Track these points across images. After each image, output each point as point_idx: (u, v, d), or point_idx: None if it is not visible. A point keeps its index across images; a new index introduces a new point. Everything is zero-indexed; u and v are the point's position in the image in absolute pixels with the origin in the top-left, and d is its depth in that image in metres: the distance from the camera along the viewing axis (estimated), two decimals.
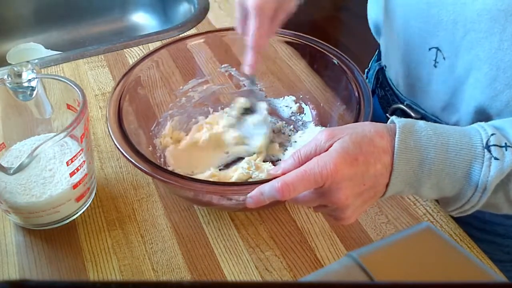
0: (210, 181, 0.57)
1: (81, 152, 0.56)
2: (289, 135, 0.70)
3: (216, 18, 0.95)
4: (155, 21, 1.16)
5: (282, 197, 0.44)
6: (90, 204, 0.61)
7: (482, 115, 0.58)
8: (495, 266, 0.55)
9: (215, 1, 1.00)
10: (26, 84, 0.56)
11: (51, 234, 0.58)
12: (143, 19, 1.16)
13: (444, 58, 0.58)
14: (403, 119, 0.47)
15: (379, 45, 0.76)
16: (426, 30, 0.59)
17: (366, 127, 0.46)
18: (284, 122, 0.72)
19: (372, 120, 0.79)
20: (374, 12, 0.72)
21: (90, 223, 0.59)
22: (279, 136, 0.70)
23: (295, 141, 0.68)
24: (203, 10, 0.97)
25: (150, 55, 0.67)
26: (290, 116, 0.72)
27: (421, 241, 0.42)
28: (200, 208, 0.61)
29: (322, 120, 0.70)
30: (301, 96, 0.73)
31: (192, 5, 1.03)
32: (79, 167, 0.56)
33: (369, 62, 0.80)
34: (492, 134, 0.45)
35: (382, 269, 0.37)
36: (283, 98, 0.73)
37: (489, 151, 0.44)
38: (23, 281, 0.21)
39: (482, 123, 0.47)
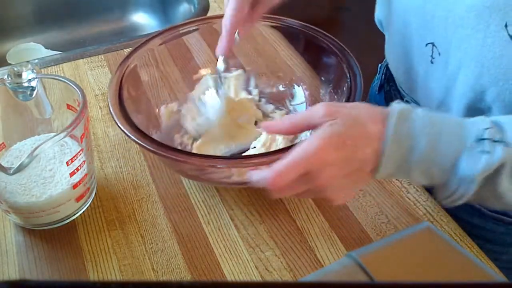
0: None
1: (81, 152, 0.56)
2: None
3: None
4: (155, 21, 1.16)
5: (274, 184, 0.44)
6: (90, 204, 0.61)
7: (473, 112, 0.58)
8: (495, 266, 0.55)
9: (215, 1, 1.00)
10: (26, 84, 0.56)
11: (51, 234, 0.58)
12: (143, 19, 1.16)
13: (439, 54, 0.59)
14: (403, 104, 0.47)
15: None
16: (422, 25, 0.59)
17: (363, 110, 0.47)
18: (274, 106, 0.72)
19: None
20: (379, 9, 0.73)
21: (90, 223, 0.59)
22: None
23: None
24: (203, 10, 0.97)
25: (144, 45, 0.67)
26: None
27: (421, 241, 0.42)
28: (200, 208, 0.61)
29: (315, 102, 0.70)
30: (293, 78, 0.73)
31: (192, 5, 1.03)
32: (79, 167, 0.56)
33: (370, 61, 0.81)
34: (488, 128, 0.45)
35: (382, 269, 0.37)
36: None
37: (480, 144, 0.44)
38: (23, 281, 0.21)
39: (484, 117, 0.47)
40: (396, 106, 0.47)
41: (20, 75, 0.55)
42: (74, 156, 0.55)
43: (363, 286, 0.27)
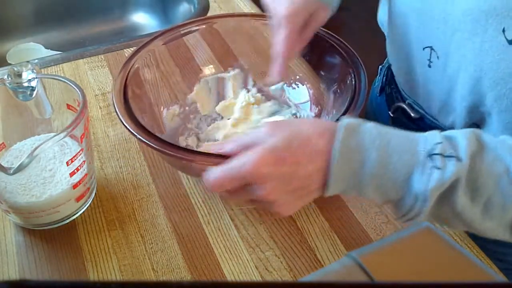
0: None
1: (81, 152, 0.56)
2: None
3: None
4: (155, 21, 1.16)
5: (213, 191, 0.46)
6: (90, 204, 0.61)
7: (475, 115, 0.58)
8: (495, 265, 0.55)
9: (214, 1, 1.00)
10: (26, 84, 0.56)
11: (51, 234, 0.58)
12: (143, 19, 1.16)
13: (438, 58, 0.58)
14: (351, 118, 0.45)
15: None
16: (421, 29, 0.59)
17: (307, 125, 0.45)
18: (279, 105, 0.73)
19: (375, 117, 0.79)
20: (382, 9, 0.73)
21: (90, 223, 0.59)
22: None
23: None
24: (203, 10, 0.98)
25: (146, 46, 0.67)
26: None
27: (421, 241, 0.42)
28: (200, 208, 0.61)
29: (319, 102, 0.71)
30: (298, 77, 0.73)
31: (192, 5, 1.03)
32: (79, 167, 0.56)
33: (370, 62, 0.81)
34: (438, 143, 0.43)
35: (382, 269, 0.37)
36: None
37: (432, 159, 0.42)
38: (23, 281, 0.21)
39: (436, 131, 0.45)
40: (344, 120, 0.45)
41: (20, 75, 0.55)
42: (74, 156, 0.55)
43: (363, 286, 0.27)
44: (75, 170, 0.56)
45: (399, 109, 0.69)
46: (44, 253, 0.57)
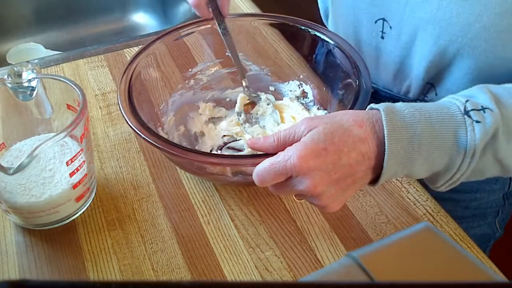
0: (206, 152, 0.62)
1: (81, 152, 0.56)
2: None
3: None
4: (155, 21, 1.16)
5: (259, 185, 0.47)
6: (90, 204, 0.61)
7: (434, 72, 0.63)
8: (492, 262, 0.55)
9: None
10: (26, 84, 0.56)
11: (51, 234, 0.58)
12: (143, 19, 1.16)
13: (390, 28, 0.62)
14: (382, 103, 0.47)
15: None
16: (372, 2, 0.63)
17: (345, 116, 0.47)
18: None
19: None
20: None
21: (90, 223, 0.59)
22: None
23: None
24: None
25: (148, 47, 0.68)
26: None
27: (421, 241, 0.42)
28: (200, 208, 0.61)
29: (323, 102, 0.71)
30: (301, 77, 0.74)
31: None
32: (79, 167, 0.56)
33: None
34: (466, 101, 0.46)
35: (382, 269, 0.37)
36: (288, 83, 0.75)
37: (469, 116, 0.45)
38: (23, 281, 0.21)
39: (453, 95, 0.48)
40: (377, 106, 0.47)
41: (20, 75, 0.55)
42: (74, 156, 0.55)
43: (363, 286, 0.27)
44: (75, 170, 0.56)
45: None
46: (44, 253, 0.57)
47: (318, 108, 0.71)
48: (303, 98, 0.73)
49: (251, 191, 0.63)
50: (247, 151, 0.67)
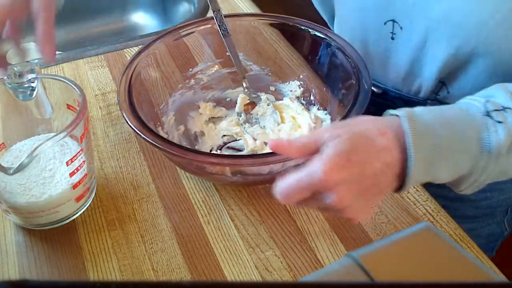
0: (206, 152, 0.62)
1: (81, 152, 0.56)
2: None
3: None
4: (155, 21, 1.16)
5: (283, 202, 0.45)
6: (90, 204, 0.61)
7: (447, 71, 0.62)
8: (491, 262, 0.55)
9: None
10: (26, 84, 0.56)
11: (51, 234, 0.58)
12: (143, 19, 1.16)
13: (401, 28, 0.62)
14: (400, 109, 0.46)
15: None
16: (380, 4, 0.62)
17: (369, 125, 0.45)
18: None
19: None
20: (321, 7, 0.77)
21: (90, 223, 0.59)
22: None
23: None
24: (203, 10, 0.97)
25: (149, 46, 0.68)
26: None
27: (421, 241, 0.42)
28: (200, 208, 0.61)
29: (323, 102, 0.71)
30: (301, 77, 0.74)
31: (192, 5, 1.03)
32: (79, 167, 0.56)
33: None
34: (486, 101, 0.46)
35: (382, 269, 0.37)
36: (288, 83, 0.75)
37: (491, 117, 0.45)
38: (23, 281, 0.21)
39: (470, 96, 0.48)
40: (396, 112, 0.46)
41: (20, 75, 0.55)
42: (74, 156, 0.55)
43: (363, 286, 0.27)
44: (75, 170, 0.56)
45: None
46: (44, 253, 0.57)
47: (318, 108, 0.71)
48: (303, 98, 0.73)
49: (251, 191, 0.63)
50: (247, 151, 0.67)
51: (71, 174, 0.56)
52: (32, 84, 0.56)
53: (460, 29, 0.57)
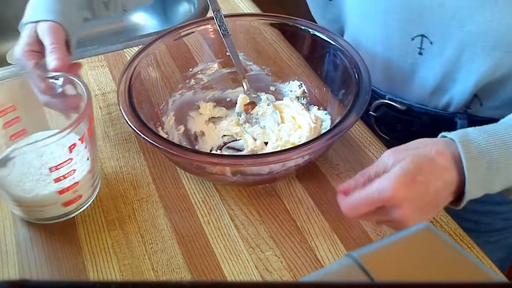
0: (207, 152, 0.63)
1: (69, 161, 0.55)
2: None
3: None
4: (155, 21, 1.16)
5: (350, 216, 0.49)
6: (90, 204, 0.61)
7: (483, 85, 0.61)
8: (494, 265, 0.55)
9: None
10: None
11: (51, 233, 0.58)
12: (143, 19, 1.16)
13: (431, 43, 0.60)
14: (454, 132, 0.49)
15: None
16: (408, 20, 0.60)
17: (428, 147, 0.49)
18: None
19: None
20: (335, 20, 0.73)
21: (90, 223, 0.59)
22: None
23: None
24: (203, 10, 0.97)
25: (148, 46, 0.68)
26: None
27: (421, 241, 0.42)
28: (200, 208, 0.61)
29: (323, 102, 0.71)
30: (301, 77, 0.74)
31: (192, 5, 1.03)
32: (66, 175, 0.55)
33: None
34: None
35: (382, 269, 0.37)
36: (288, 83, 0.75)
37: None
38: (23, 281, 0.21)
39: None
40: (451, 135, 0.49)
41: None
42: (60, 164, 0.54)
43: (363, 286, 0.27)
44: (61, 177, 0.55)
45: (382, 106, 0.70)
46: (44, 253, 0.57)
47: (318, 108, 0.71)
48: (303, 98, 0.73)
49: (251, 191, 0.63)
50: (247, 151, 0.67)
51: (56, 180, 0.55)
52: (56, 81, 0.57)
53: (501, 41, 0.56)
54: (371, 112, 0.72)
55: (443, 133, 0.51)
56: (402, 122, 0.68)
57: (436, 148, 0.48)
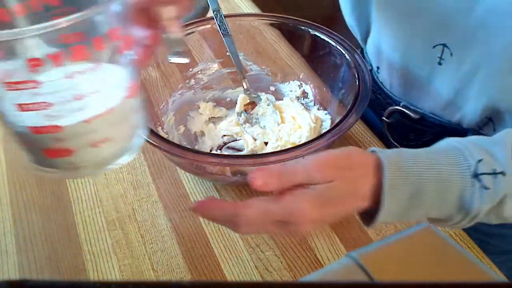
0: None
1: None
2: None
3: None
4: None
5: (258, 188, 0.40)
6: (90, 204, 0.61)
7: (491, 110, 0.58)
8: (496, 267, 0.55)
9: None
10: None
11: (51, 234, 0.58)
12: None
13: (451, 54, 0.57)
14: (385, 153, 0.42)
15: (361, 49, 0.75)
16: (433, 27, 0.58)
17: (362, 173, 0.42)
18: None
19: (364, 122, 0.79)
20: (359, 20, 0.70)
21: (90, 223, 0.59)
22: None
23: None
24: (203, 10, 0.97)
25: None
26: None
27: (421, 241, 0.42)
28: None
29: (323, 102, 0.71)
30: (301, 77, 0.74)
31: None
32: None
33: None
34: (480, 160, 0.41)
35: (382, 269, 0.37)
36: (288, 83, 0.75)
37: (479, 180, 0.41)
38: (23, 281, 0.21)
39: (473, 144, 0.43)
40: (381, 155, 0.42)
41: None
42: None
43: (363, 286, 0.27)
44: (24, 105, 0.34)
45: (395, 112, 0.69)
46: (44, 253, 0.57)
47: (318, 108, 0.71)
48: (303, 98, 0.73)
49: (251, 191, 0.63)
50: (247, 151, 0.67)
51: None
52: None
53: None
54: (384, 118, 0.71)
55: (372, 149, 0.43)
56: (414, 131, 0.65)
57: (364, 169, 0.41)
